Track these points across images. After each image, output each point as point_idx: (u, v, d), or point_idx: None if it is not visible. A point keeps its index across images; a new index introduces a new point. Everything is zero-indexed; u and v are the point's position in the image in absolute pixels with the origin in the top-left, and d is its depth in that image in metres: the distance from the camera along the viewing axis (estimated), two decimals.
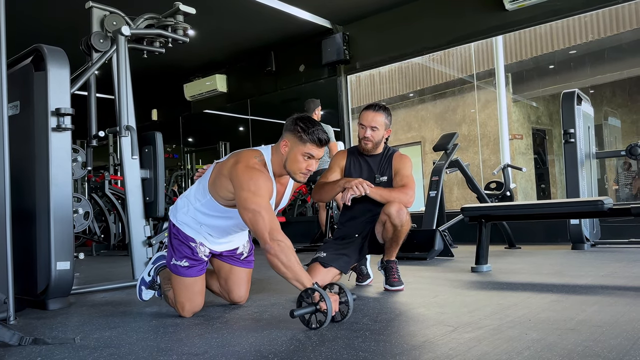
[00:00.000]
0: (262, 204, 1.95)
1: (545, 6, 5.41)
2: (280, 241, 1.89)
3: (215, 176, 2.15)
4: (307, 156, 2.06)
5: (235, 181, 2.01)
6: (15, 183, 2.43)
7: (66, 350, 1.76)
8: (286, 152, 2.08)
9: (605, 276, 2.94)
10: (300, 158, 2.06)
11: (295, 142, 2.06)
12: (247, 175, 2.00)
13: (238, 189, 2.00)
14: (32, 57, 2.79)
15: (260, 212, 1.93)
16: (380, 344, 1.64)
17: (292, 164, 2.07)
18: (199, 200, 2.22)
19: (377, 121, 2.81)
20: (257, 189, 1.97)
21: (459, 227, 4.96)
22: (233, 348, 1.68)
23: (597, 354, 1.42)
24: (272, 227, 1.91)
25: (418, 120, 9.77)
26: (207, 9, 6.10)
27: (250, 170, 2.02)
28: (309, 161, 2.07)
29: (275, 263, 1.89)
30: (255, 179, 1.99)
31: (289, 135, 2.08)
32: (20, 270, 2.50)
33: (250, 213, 1.94)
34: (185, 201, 2.28)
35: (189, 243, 2.24)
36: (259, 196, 1.96)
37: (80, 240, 7.43)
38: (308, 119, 2.09)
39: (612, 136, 8.35)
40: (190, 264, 2.22)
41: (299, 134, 2.04)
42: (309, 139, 2.04)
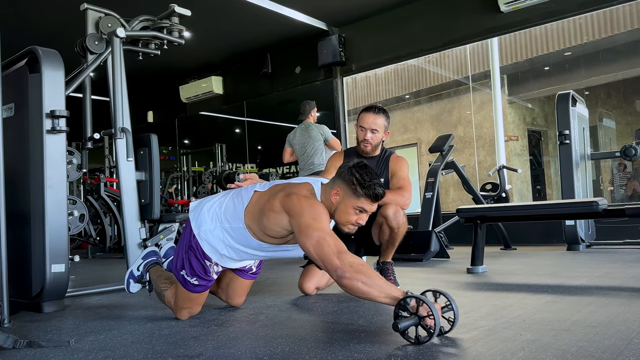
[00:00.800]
0: (326, 229, 1.82)
1: (540, 8, 5.43)
2: (352, 262, 1.70)
3: (259, 211, 2.01)
4: (359, 210, 1.92)
5: (294, 211, 1.88)
6: (9, 185, 2.42)
7: (61, 353, 1.75)
8: (337, 202, 1.94)
9: (600, 277, 2.95)
10: (351, 211, 1.92)
11: (349, 193, 1.91)
12: (305, 203, 1.89)
13: (297, 217, 1.86)
14: (26, 59, 2.78)
15: (324, 237, 1.77)
16: (376, 346, 1.64)
17: (342, 215, 1.93)
18: (229, 222, 2.08)
19: (378, 124, 2.82)
20: (318, 215, 1.85)
21: (455, 228, 4.97)
22: (228, 350, 1.67)
23: (591, 355, 1.42)
24: (340, 250, 1.74)
25: (414, 122, 9.78)
26: (203, 11, 6.10)
27: (307, 199, 1.91)
28: (360, 215, 1.93)
29: (356, 286, 1.67)
30: (314, 207, 1.88)
31: (343, 185, 1.93)
32: (15, 273, 2.49)
33: (313, 240, 1.78)
34: (214, 215, 2.13)
35: (204, 261, 2.13)
36: (320, 222, 1.83)
37: (76, 243, 7.40)
38: (365, 170, 1.92)
39: (607, 137, 8.38)
40: (200, 283, 2.15)
41: (354, 187, 1.89)
42: (364, 194, 1.89)
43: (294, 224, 1.87)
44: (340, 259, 1.70)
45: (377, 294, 1.66)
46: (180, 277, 2.17)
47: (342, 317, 2.12)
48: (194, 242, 2.13)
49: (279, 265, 4.51)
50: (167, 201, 8.47)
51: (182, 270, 2.15)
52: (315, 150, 5.34)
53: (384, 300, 1.66)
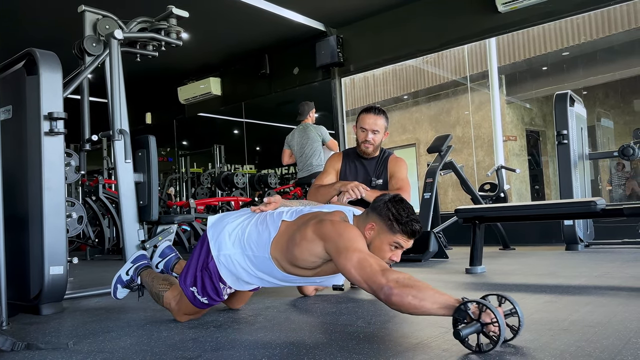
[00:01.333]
0: (365, 250, 1.75)
1: (538, 8, 5.44)
2: (397, 278, 1.57)
3: (289, 241, 1.91)
4: (395, 246, 1.85)
5: (329, 235, 1.80)
6: (8, 187, 2.42)
7: (59, 355, 1.75)
8: (371, 237, 1.86)
9: (599, 277, 2.95)
10: (386, 247, 1.85)
11: (384, 229, 1.84)
12: (340, 226, 1.82)
13: (334, 241, 1.78)
14: (24, 61, 2.78)
15: (365, 257, 1.68)
16: (374, 346, 1.64)
17: (376, 251, 1.83)
18: (253, 250, 2.00)
19: (379, 125, 2.82)
20: (355, 237, 1.78)
21: (453, 228, 4.98)
22: (227, 352, 1.67)
23: (589, 354, 1.43)
24: (383, 267, 1.64)
25: (412, 122, 9.79)
26: (201, 12, 6.10)
27: (341, 223, 1.85)
28: (395, 251, 1.87)
29: (406, 301, 1.53)
30: (350, 229, 1.81)
31: (378, 220, 1.86)
32: (13, 275, 2.49)
33: (354, 261, 1.68)
34: (236, 239, 2.04)
35: (219, 284, 2.07)
36: (358, 243, 1.75)
37: (75, 245, 7.40)
38: (401, 205, 1.86)
39: (605, 137, 8.39)
40: (209, 302, 2.11)
41: (390, 222, 1.83)
42: (400, 230, 1.82)
43: (331, 249, 1.78)
44: (385, 277, 1.58)
45: (430, 305, 1.53)
46: (189, 293, 2.10)
47: (341, 318, 2.12)
48: (212, 265, 2.05)
49: None
50: (166, 202, 8.47)
51: (193, 287, 2.09)
52: (314, 151, 5.35)
53: (440, 312, 1.53)
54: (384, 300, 1.58)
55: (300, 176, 5.49)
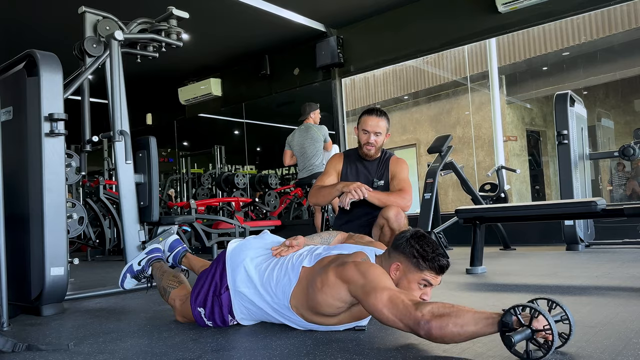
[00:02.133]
0: (393, 287, 1.64)
1: (538, 8, 5.44)
2: (431, 309, 1.46)
3: (308, 287, 1.81)
4: (424, 284, 1.76)
5: (352, 278, 1.69)
6: (8, 189, 2.42)
7: (60, 356, 1.75)
8: (397, 278, 1.77)
9: (599, 277, 2.95)
10: (415, 286, 1.75)
11: (410, 268, 1.75)
12: (364, 266, 1.71)
13: (358, 283, 1.67)
14: (24, 62, 2.78)
15: (395, 294, 1.57)
16: (375, 347, 1.64)
17: (404, 289, 1.74)
18: (272, 297, 1.90)
19: (381, 126, 2.83)
20: (380, 275, 1.68)
21: (454, 229, 4.97)
22: (228, 352, 1.67)
23: (589, 355, 1.43)
24: (415, 301, 1.53)
25: (413, 123, 9.80)
26: (201, 13, 6.10)
27: (365, 263, 1.75)
28: (425, 289, 1.76)
29: (449, 331, 1.42)
30: (374, 268, 1.71)
31: (403, 259, 1.77)
32: (14, 276, 2.49)
33: (385, 300, 1.57)
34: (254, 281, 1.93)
35: (227, 316, 2.00)
36: (385, 281, 1.65)
37: (75, 246, 7.40)
38: (425, 240, 1.78)
39: (606, 137, 8.39)
40: (212, 325, 2.05)
41: (416, 260, 1.74)
42: (428, 267, 1.74)
43: (357, 291, 1.67)
44: (420, 311, 1.47)
45: (474, 328, 1.41)
46: (196, 312, 2.04)
47: None
48: (225, 296, 1.98)
49: None
50: (167, 203, 8.47)
51: (201, 309, 2.03)
52: (316, 151, 5.35)
53: (487, 330, 1.41)
54: (424, 336, 1.47)
55: (301, 176, 5.49)
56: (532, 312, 1.39)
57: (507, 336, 1.37)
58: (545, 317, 1.37)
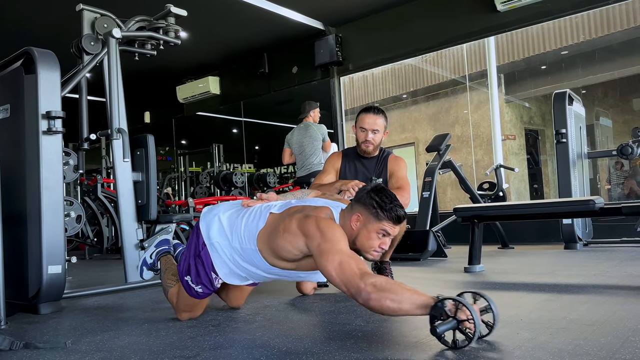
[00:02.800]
0: (346, 251, 1.75)
1: (537, 7, 5.44)
2: (375, 282, 1.60)
3: (273, 232, 1.93)
4: (382, 234, 1.87)
5: (312, 234, 1.81)
6: (5, 186, 2.42)
7: (57, 354, 1.75)
8: (358, 228, 1.88)
9: (597, 275, 2.95)
10: (374, 235, 1.87)
11: (370, 218, 1.86)
12: (324, 225, 1.81)
13: (316, 240, 1.79)
14: (22, 60, 2.77)
15: (346, 259, 1.69)
16: (373, 345, 1.64)
17: (365, 241, 1.88)
18: (240, 243, 2.02)
19: (378, 124, 2.84)
20: (338, 238, 1.78)
21: (452, 227, 4.98)
22: (225, 350, 1.67)
23: (587, 353, 1.43)
24: (363, 271, 1.64)
25: (411, 122, 9.79)
26: (199, 11, 6.09)
27: (327, 221, 1.85)
28: (383, 239, 1.88)
29: (385, 305, 1.56)
30: (334, 229, 1.81)
31: (363, 210, 1.88)
32: (11, 274, 2.48)
33: (335, 263, 1.69)
34: (221, 228, 2.07)
35: (210, 274, 2.08)
36: (340, 244, 1.76)
37: (73, 244, 7.39)
38: (384, 192, 1.89)
39: (604, 136, 8.40)
40: (203, 291, 2.12)
41: (375, 210, 1.85)
42: (386, 217, 1.85)
43: (313, 247, 1.79)
44: (363, 281, 1.60)
45: (409, 307, 1.56)
46: (184, 282, 2.13)
47: (340, 317, 2.12)
48: (204, 253, 2.08)
49: None
50: (164, 202, 8.46)
51: (187, 276, 2.11)
52: (314, 149, 5.34)
53: (418, 312, 1.56)
54: (362, 304, 1.60)
55: (299, 175, 5.49)
56: (457, 305, 1.52)
57: (432, 327, 1.51)
58: (468, 308, 1.50)
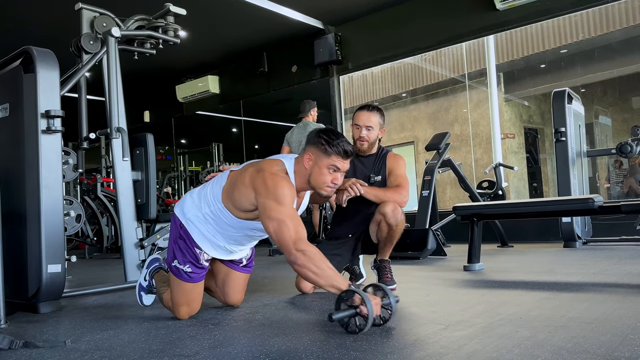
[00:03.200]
0: (287, 212, 1.87)
1: (536, 6, 5.44)
2: (305, 250, 1.80)
3: (231, 185, 2.06)
4: (333, 169, 2.00)
5: (259, 189, 1.93)
6: (5, 186, 2.42)
7: (57, 353, 1.75)
8: (310, 166, 2.01)
9: (596, 274, 2.95)
10: (325, 171, 1.99)
11: (320, 155, 1.99)
12: (271, 182, 1.92)
13: (262, 197, 1.91)
14: (21, 59, 2.77)
15: (285, 221, 1.84)
16: (372, 343, 1.64)
17: (317, 177, 2.00)
18: (209, 206, 2.12)
19: (372, 121, 2.83)
20: (282, 197, 1.89)
21: (451, 226, 4.98)
22: (225, 349, 1.67)
23: (586, 351, 1.43)
24: (298, 237, 1.83)
25: (411, 120, 9.79)
26: (198, 10, 6.09)
27: (274, 177, 1.94)
28: (334, 174, 2.01)
29: (305, 273, 1.80)
30: (280, 186, 1.91)
31: (313, 149, 2.01)
32: (11, 273, 2.48)
33: (275, 222, 1.85)
34: (192, 202, 2.19)
35: (194, 249, 2.16)
36: (283, 205, 1.88)
37: (73, 243, 7.39)
38: (332, 131, 2.03)
39: (603, 134, 8.40)
40: (193, 270, 2.15)
41: (324, 146, 1.98)
42: (334, 151, 1.98)
43: (259, 203, 1.93)
44: (295, 246, 1.81)
45: (324, 283, 1.80)
46: (173, 269, 2.18)
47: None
48: (183, 231, 2.17)
49: (276, 264, 4.51)
50: (164, 201, 8.46)
51: (174, 261, 2.17)
52: None
53: (331, 290, 1.80)
54: (289, 263, 1.85)
55: None
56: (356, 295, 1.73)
57: (329, 315, 1.73)
58: (364, 299, 1.71)
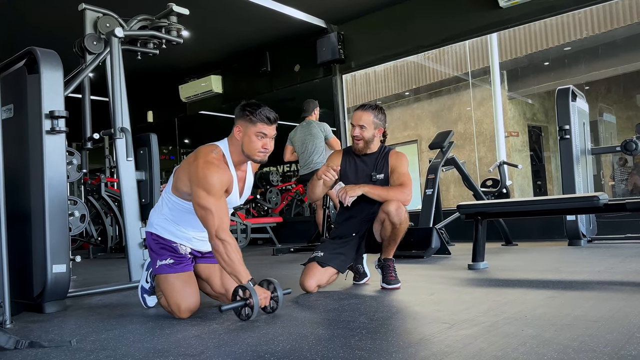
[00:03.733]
0: (214, 202, 2.10)
1: (539, 3, 5.42)
2: (224, 240, 2.08)
3: (176, 177, 2.31)
4: (261, 135, 2.22)
5: (192, 178, 2.16)
6: (10, 186, 2.42)
7: (62, 353, 1.75)
8: (241, 137, 2.24)
9: (602, 272, 2.94)
10: (254, 138, 2.21)
11: (247, 125, 2.22)
12: (201, 172, 2.13)
13: (194, 185, 2.15)
14: (25, 60, 2.77)
15: (210, 210, 2.09)
16: (377, 342, 1.64)
17: (249, 145, 2.22)
18: (166, 204, 2.37)
19: (364, 120, 2.83)
20: (211, 186, 2.11)
21: (455, 224, 4.97)
22: (230, 348, 1.67)
23: (592, 349, 1.42)
24: (220, 227, 2.09)
25: (414, 119, 9.78)
26: (201, 10, 6.08)
27: (206, 166, 2.14)
28: (263, 140, 2.23)
29: (218, 258, 2.12)
30: (210, 176, 2.12)
31: (240, 121, 2.25)
32: (16, 274, 2.49)
33: (202, 210, 2.11)
34: (154, 212, 2.45)
35: (171, 244, 2.34)
36: (212, 195, 2.11)
37: (77, 243, 7.41)
38: (254, 103, 2.25)
39: (608, 132, 8.37)
40: (175, 261, 2.31)
41: (249, 117, 2.21)
42: (258, 119, 2.21)
43: (192, 190, 2.16)
44: (217, 234, 2.08)
45: (230, 271, 2.12)
46: (158, 269, 2.30)
47: (343, 315, 2.12)
48: (154, 237, 2.36)
49: (279, 263, 4.51)
50: None
51: (157, 261, 2.31)
52: (315, 147, 5.34)
53: (232, 278, 2.15)
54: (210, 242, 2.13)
55: (302, 173, 5.49)
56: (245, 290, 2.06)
57: (218, 307, 2.06)
58: (251, 292, 2.05)
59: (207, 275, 2.44)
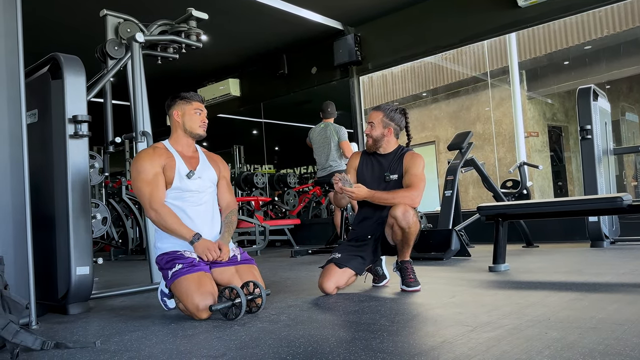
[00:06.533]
0: (144, 179, 2.40)
1: (559, 2, 5.36)
2: (157, 210, 2.37)
3: None
4: (198, 111, 2.55)
5: (132, 170, 2.49)
6: (34, 190, 2.47)
7: (87, 354, 1.78)
8: (181, 118, 2.54)
9: (626, 274, 2.89)
10: (194, 116, 2.54)
11: (184, 106, 2.54)
12: (133, 162, 2.48)
13: (133, 172, 2.47)
14: (48, 65, 2.83)
15: (142, 187, 2.39)
16: (398, 345, 1.64)
17: (190, 122, 2.53)
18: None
19: (373, 118, 2.91)
20: (140, 167, 2.41)
21: (475, 226, 4.93)
22: (252, 350, 1.68)
23: (619, 353, 1.40)
24: (151, 199, 2.38)
25: (432, 120, 9.72)
26: (219, 14, 6.13)
27: (136, 157, 2.50)
28: (201, 115, 2.57)
29: (157, 226, 2.43)
30: (139, 161, 2.44)
31: (176, 107, 2.55)
32: (41, 276, 2.54)
33: (136, 190, 2.43)
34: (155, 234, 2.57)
35: (175, 254, 2.42)
36: (141, 173, 2.40)
37: (99, 246, 7.50)
38: (182, 92, 2.60)
39: (630, 132, 8.23)
40: (184, 265, 2.35)
41: (184, 99, 2.55)
42: (193, 99, 2.56)
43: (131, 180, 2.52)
44: (150, 205, 2.37)
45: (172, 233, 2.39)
46: (172, 278, 2.34)
47: (364, 317, 2.12)
48: (161, 257, 2.46)
49: (298, 265, 4.52)
50: None
51: (169, 272, 2.37)
52: (330, 151, 5.40)
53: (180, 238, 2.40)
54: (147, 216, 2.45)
55: (320, 175, 5.51)
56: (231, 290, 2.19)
57: (210, 306, 2.19)
58: (239, 293, 2.17)
59: (229, 279, 2.44)
